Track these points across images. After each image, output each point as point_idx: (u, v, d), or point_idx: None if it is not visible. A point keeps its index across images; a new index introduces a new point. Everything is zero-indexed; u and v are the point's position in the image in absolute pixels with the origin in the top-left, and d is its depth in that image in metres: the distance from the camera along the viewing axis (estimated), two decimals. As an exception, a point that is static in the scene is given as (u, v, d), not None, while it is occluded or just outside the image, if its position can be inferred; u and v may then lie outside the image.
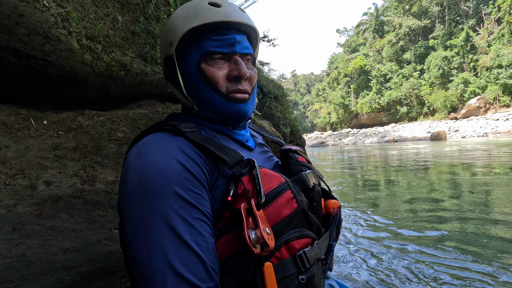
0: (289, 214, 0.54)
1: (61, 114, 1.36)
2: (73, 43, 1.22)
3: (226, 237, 0.50)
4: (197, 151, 0.53)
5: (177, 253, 0.43)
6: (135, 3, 1.53)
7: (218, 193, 0.53)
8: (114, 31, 1.41)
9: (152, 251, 0.43)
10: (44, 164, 1.27)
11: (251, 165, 0.54)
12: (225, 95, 0.60)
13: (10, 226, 1.16)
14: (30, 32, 1.10)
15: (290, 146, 0.74)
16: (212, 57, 0.60)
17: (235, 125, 0.65)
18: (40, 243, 1.23)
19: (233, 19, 0.60)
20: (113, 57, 1.39)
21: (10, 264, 1.15)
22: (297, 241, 0.54)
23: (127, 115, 1.57)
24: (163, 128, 0.56)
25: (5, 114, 1.22)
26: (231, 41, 0.61)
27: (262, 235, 0.47)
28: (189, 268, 0.43)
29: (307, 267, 0.53)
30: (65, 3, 1.20)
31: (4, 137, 1.20)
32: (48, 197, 1.26)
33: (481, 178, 4.75)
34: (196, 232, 0.46)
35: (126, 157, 0.55)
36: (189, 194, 0.47)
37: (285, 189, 0.56)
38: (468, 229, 2.41)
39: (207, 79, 0.60)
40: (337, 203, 0.66)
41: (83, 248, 1.38)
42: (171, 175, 0.47)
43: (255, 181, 0.52)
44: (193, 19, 0.58)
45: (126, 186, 0.49)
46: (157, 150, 0.50)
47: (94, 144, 1.45)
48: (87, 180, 1.40)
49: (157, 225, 0.44)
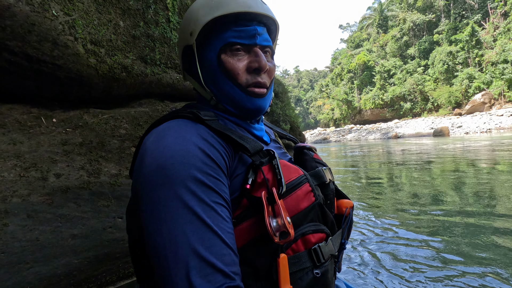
0: (307, 207, 0.54)
1: (68, 112, 1.49)
2: (79, 48, 1.34)
3: (243, 225, 0.50)
4: (217, 138, 0.52)
5: (199, 236, 0.42)
6: (135, 9, 1.64)
7: (238, 181, 0.53)
8: (116, 35, 1.53)
9: (173, 234, 0.42)
10: (54, 158, 1.40)
11: (271, 155, 0.54)
12: (244, 88, 0.60)
13: (25, 213, 1.29)
14: (40, 39, 1.22)
15: (305, 143, 0.75)
16: (232, 48, 0.59)
17: (252, 118, 0.64)
18: (51, 229, 1.36)
19: (255, 10, 0.59)
20: (115, 60, 1.51)
21: (25, 247, 1.29)
22: (313, 234, 0.54)
23: (129, 113, 1.69)
24: (182, 115, 0.55)
25: (19, 113, 1.35)
26: (252, 32, 0.60)
27: (284, 224, 0.46)
28: (212, 252, 0.42)
29: (321, 261, 0.53)
30: (71, 12, 1.32)
31: (18, 134, 1.33)
32: (58, 188, 1.39)
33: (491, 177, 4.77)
34: (218, 216, 0.45)
35: (144, 142, 0.54)
36: (209, 179, 0.46)
37: (304, 181, 0.55)
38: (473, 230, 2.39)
39: (227, 70, 0.59)
40: (350, 203, 0.65)
41: (89, 235, 1.51)
42: (191, 160, 0.46)
43: (275, 171, 0.52)
44: (216, 8, 0.57)
45: (144, 169, 0.48)
46: (177, 135, 0.49)
47: (98, 140, 1.58)
48: (93, 173, 1.53)
49: (178, 208, 0.43)
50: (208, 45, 0.61)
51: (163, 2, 1.79)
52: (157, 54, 1.73)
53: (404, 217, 2.90)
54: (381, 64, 48.00)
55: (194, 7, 0.62)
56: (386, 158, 9.03)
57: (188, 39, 0.61)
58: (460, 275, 1.70)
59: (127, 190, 1.67)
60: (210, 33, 0.60)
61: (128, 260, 1.80)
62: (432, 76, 41.83)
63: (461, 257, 1.93)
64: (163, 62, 1.77)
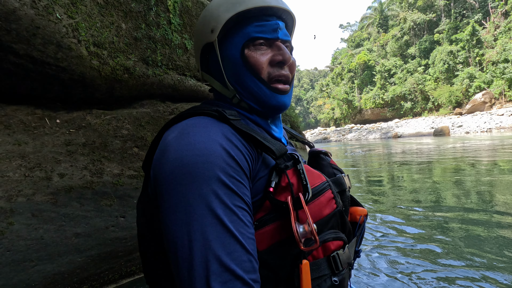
0: (328, 214, 0.53)
1: (72, 113, 1.52)
2: (82, 51, 1.37)
3: (266, 229, 0.49)
4: (241, 139, 0.51)
5: (220, 241, 0.41)
6: (137, 11, 1.67)
7: (260, 184, 0.52)
8: (118, 37, 1.56)
9: (194, 236, 0.41)
10: (58, 158, 1.42)
11: (295, 159, 0.53)
12: (268, 84, 0.59)
13: (29, 212, 1.32)
14: (45, 42, 1.25)
15: (320, 148, 0.74)
16: (255, 43, 0.59)
17: (274, 115, 0.64)
18: (55, 228, 1.39)
19: (276, 4, 0.60)
20: (117, 62, 1.54)
21: (30, 246, 1.31)
22: (332, 242, 0.53)
23: (131, 114, 1.72)
24: (207, 112, 0.53)
25: (23, 114, 1.38)
26: (274, 26, 0.60)
27: (311, 230, 0.46)
28: (233, 257, 0.41)
29: (339, 269, 0.53)
30: (75, 15, 1.35)
31: (23, 135, 1.35)
32: (62, 188, 1.42)
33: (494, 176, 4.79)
34: (239, 221, 0.44)
35: (164, 137, 0.52)
36: (232, 182, 0.45)
37: (326, 188, 0.55)
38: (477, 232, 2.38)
39: (251, 65, 0.58)
40: (364, 211, 0.64)
41: (92, 234, 1.54)
42: (216, 160, 0.45)
43: (300, 175, 0.51)
44: (238, 4, 0.57)
45: (167, 166, 0.47)
46: (202, 133, 0.48)
47: (101, 141, 1.60)
48: (96, 173, 1.55)
49: (199, 209, 0.42)
50: (229, 42, 0.60)
51: (164, 4, 1.82)
52: (158, 56, 1.75)
53: (404, 218, 2.90)
54: (382, 64, 47.97)
55: (213, 4, 0.61)
56: (387, 158, 9.04)
57: (209, 36, 0.59)
58: (462, 278, 1.72)
59: (130, 189, 1.70)
60: (231, 29, 0.60)
61: (130, 258, 1.82)
62: (432, 76, 41.79)
63: (462, 260, 1.93)
64: (164, 64, 1.80)
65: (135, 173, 1.72)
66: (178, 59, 1.89)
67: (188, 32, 1.96)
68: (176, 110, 1.90)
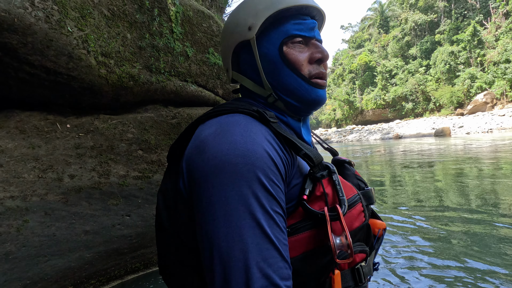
0: (358, 227, 0.54)
1: (81, 118, 1.62)
2: (91, 60, 1.47)
3: (299, 237, 0.49)
4: (279, 143, 0.50)
5: (258, 245, 0.41)
6: (141, 22, 1.77)
7: (295, 190, 0.51)
8: (124, 47, 1.66)
9: (231, 237, 0.41)
10: (68, 160, 1.53)
11: (329, 169, 0.53)
12: (308, 79, 0.59)
13: (42, 211, 1.42)
14: (57, 53, 1.35)
15: (344, 157, 0.74)
16: (293, 41, 0.59)
17: (313, 110, 0.64)
18: (66, 225, 1.49)
19: (313, 4, 0.61)
20: (123, 70, 1.64)
21: (43, 242, 1.42)
22: (357, 254, 0.53)
23: (136, 118, 1.82)
24: (247, 111, 0.52)
25: (37, 120, 1.48)
26: (311, 25, 0.60)
27: (348, 244, 0.46)
28: (270, 263, 0.40)
29: (362, 281, 0.54)
30: (84, 27, 1.45)
31: (36, 139, 1.46)
32: (72, 188, 1.52)
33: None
34: (276, 226, 0.43)
35: (200, 132, 0.51)
36: (271, 185, 0.45)
37: (358, 201, 0.55)
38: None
39: (290, 62, 0.58)
40: (383, 224, 0.64)
41: (100, 231, 1.64)
42: (257, 162, 0.44)
43: (335, 187, 0.51)
44: (277, 2, 0.58)
45: (206, 163, 0.46)
46: (244, 132, 0.47)
47: (108, 144, 1.70)
48: (103, 174, 1.66)
49: (238, 210, 0.42)
50: (266, 39, 0.59)
51: (166, 14, 1.92)
52: (161, 63, 1.86)
53: (405, 222, 2.92)
54: (383, 65, 47.98)
55: (249, 2, 0.61)
56: (389, 159, 9.10)
57: (246, 34, 0.59)
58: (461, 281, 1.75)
59: (135, 190, 1.79)
60: (268, 27, 0.59)
61: (134, 255, 1.92)
62: (434, 76, 41.76)
63: (462, 263, 1.96)
64: (167, 71, 1.90)
65: (139, 174, 1.82)
66: (180, 66, 1.99)
67: (190, 40, 2.06)
68: (178, 114, 2.00)
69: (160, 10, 1.87)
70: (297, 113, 0.62)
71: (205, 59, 2.16)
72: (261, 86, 0.61)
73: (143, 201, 1.82)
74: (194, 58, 2.08)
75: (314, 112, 4.72)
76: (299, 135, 0.63)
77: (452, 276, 1.83)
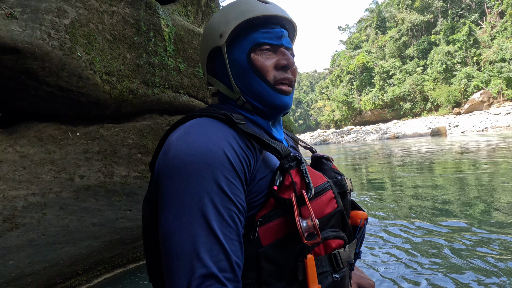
0: (330, 213, 0.56)
1: (88, 127, 1.90)
2: (97, 79, 1.75)
3: (270, 225, 0.51)
4: (244, 142, 0.53)
5: (205, 241, 0.44)
6: (138, 43, 2.06)
7: (263, 183, 0.54)
8: (124, 65, 1.94)
9: (182, 233, 0.45)
10: (78, 163, 1.80)
11: (297, 160, 0.56)
12: (273, 85, 0.62)
13: (58, 206, 1.70)
14: (70, 74, 1.64)
15: (323, 153, 0.78)
16: (261, 48, 0.62)
17: (277, 115, 0.67)
18: (77, 218, 1.77)
19: (281, 14, 0.64)
20: (124, 85, 1.92)
21: (59, 232, 1.69)
22: (333, 240, 0.55)
23: (135, 126, 2.10)
24: (213, 115, 0.56)
25: (52, 129, 1.76)
26: (279, 34, 0.64)
27: (314, 225, 0.49)
28: (212, 256, 0.44)
29: (340, 267, 0.55)
30: (91, 51, 1.74)
31: (51, 145, 1.73)
32: (82, 187, 1.80)
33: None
34: (224, 222, 0.46)
35: (169, 137, 0.55)
36: (225, 183, 0.47)
37: (328, 188, 0.57)
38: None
39: (257, 68, 0.62)
40: (365, 215, 0.67)
41: (105, 223, 1.91)
42: (212, 161, 0.47)
43: (303, 175, 0.54)
44: (246, 12, 0.62)
45: (167, 163, 0.49)
46: (204, 134, 0.50)
47: (112, 149, 1.98)
48: (108, 175, 1.93)
49: (191, 207, 0.45)
50: (237, 46, 0.63)
51: (161, 34, 2.21)
52: (156, 78, 2.14)
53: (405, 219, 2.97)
54: (380, 65, 48.35)
55: (223, 12, 0.65)
56: (387, 159, 9.30)
57: (218, 41, 0.63)
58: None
59: (135, 188, 2.07)
60: (238, 35, 0.63)
61: (135, 245, 2.19)
62: (431, 76, 42.10)
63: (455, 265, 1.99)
64: (161, 84, 2.19)
65: (139, 174, 2.10)
66: (173, 80, 2.27)
67: (181, 56, 2.35)
68: (172, 121, 2.28)
69: (155, 32, 2.16)
70: (265, 116, 0.66)
71: (196, 73, 2.44)
72: (231, 89, 0.65)
73: (142, 198, 2.10)
74: (185, 72, 2.36)
75: (313, 114, 4.99)
76: (269, 133, 0.66)
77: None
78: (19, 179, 1.56)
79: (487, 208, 3.05)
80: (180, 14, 2.61)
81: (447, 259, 2.07)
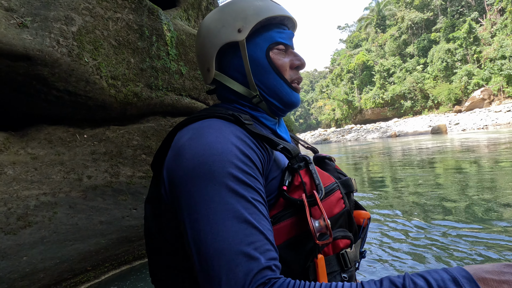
0: (338, 213, 0.56)
1: (95, 129, 1.98)
2: (103, 83, 1.83)
3: (281, 225, 0.51)
4: (254, 141, 0.54)
5: (243, 234, 0.43)
6: (142, 48, 2.14)
7: (274, 184, 0.54)
8: (129, 70, 2.02)
9: (217, 234, 0.43)
10: (86, 164, 1.88)
11: (306, 160, 0.56)
12: (289, 83, 0.64)
13: (67, 204, 1.78)
14: (77, 79, 1.72)
15: (325, 154, 0.78)
16: (278, 47, 0.64)
17: (288, 112, 0.68)
18: (85, 216, 1.85)
19: (292, 17, 0.66)
20: (128, 89, 2.00)
21: (69, 229, 1.77)
22: (341, 240, 0.56)
23: (139, 128, 2.18)
24: (222, 116, 0.56)
25: (61, 132, 1.84)
26: (291, 35, 0.66)
27: (326, 225, 0.49)
28: (256, 247, 0.43)
29: (348, 266, 0.55)
30: (97, 57, 1.82)
31: (61, 147, 1.82)
32: (89, 186, 1.88)
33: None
34: (259, 213, 0.46)
35: (178, 138, 0.54)
36: (247, 177, 0.48)
37: (336, 188, 0.58)
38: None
39: (276, 67, 0.63)
40: (368, 214, 0.67)
41: (112, 222, 1.99)
42: (231, 157, 0.48)
43: (312, 175, 0.54)
44: (266, 10, 0.62)
45: (184, 167, 0.49)
46: (217, 134, 0.51)
47: (117, 150, 2.06)
48: (114, 175, 2.01)
49: (220, 206, 0.45)
50: (253, 43, 0.63)
51: (163, 39, 2.29)
52: (160, 81, 2.22)
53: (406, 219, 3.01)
54: (380, 64, 48.33)
55: (238, 6, 0.63)
56: (388, 158, 9.36)
57: (236, 35, 0.62)
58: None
59: (140, 187, 2.15)
60: (254, 32, 0.63)
61: (141, 243, 2.27)
62: (431, 74, 42.06)
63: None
64: (164, 87, 2.27)
65: (143, 174, 2.18)
66: (175, 83, 2.35)
67: (183, 60, 2.43)
68: (175, 123, 2.36)
69: (158, 37, 2.24)
70: (277, 113, 0.67)
71: (197, 75, 2.52)
72: (246, 87, 0.64)
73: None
74: (187, 75, 2.44)
75: (313, 113, 5.09)
76: (276, 133, 0.67)
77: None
78: (31, 179, 1.64)
79: (490, 207, 3.05)
80: (181, 19, 2.69)
81: (448, 258, 2.11)
